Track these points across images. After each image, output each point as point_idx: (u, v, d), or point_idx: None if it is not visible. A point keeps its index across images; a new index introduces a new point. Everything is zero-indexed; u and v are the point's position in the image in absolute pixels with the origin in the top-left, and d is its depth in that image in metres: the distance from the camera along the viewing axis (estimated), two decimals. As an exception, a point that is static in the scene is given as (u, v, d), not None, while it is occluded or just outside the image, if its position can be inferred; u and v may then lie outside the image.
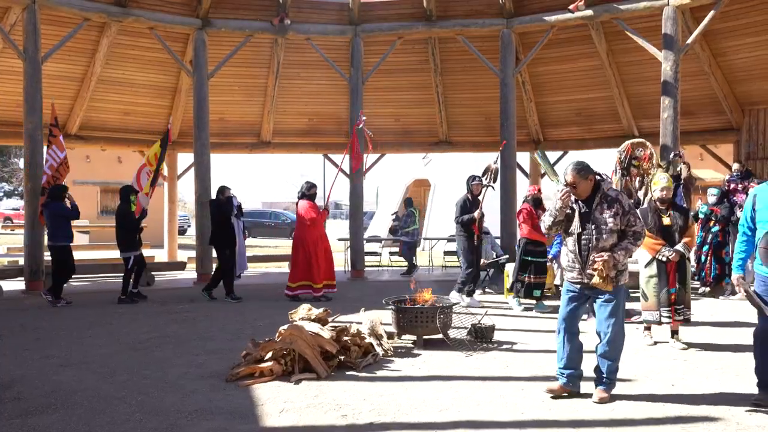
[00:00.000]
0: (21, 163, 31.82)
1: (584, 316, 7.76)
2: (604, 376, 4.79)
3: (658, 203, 6.61)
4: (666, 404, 4.72)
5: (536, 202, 9.36)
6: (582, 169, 4.74)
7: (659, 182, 6.67)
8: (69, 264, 9.88)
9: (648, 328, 6.78)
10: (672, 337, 6.67)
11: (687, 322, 6.71)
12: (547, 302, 9.34)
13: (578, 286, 4.81)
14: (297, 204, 10.34)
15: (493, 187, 9.79)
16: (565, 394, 4.85)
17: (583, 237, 4.74)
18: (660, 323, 6.58)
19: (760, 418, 4.39)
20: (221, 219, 10.28)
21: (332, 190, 10.89)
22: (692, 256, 6.77)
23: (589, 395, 4.81)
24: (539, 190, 9.68)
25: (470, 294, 9.55)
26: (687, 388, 5.13)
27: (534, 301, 9.17)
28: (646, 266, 6.63)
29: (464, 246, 9.55)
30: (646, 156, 9.94)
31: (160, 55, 13.49)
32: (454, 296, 9.03)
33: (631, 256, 4.78)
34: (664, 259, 6.44)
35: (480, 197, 9.63)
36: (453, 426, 4.28)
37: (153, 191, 10.53)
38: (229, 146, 15.84)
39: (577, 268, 4.77)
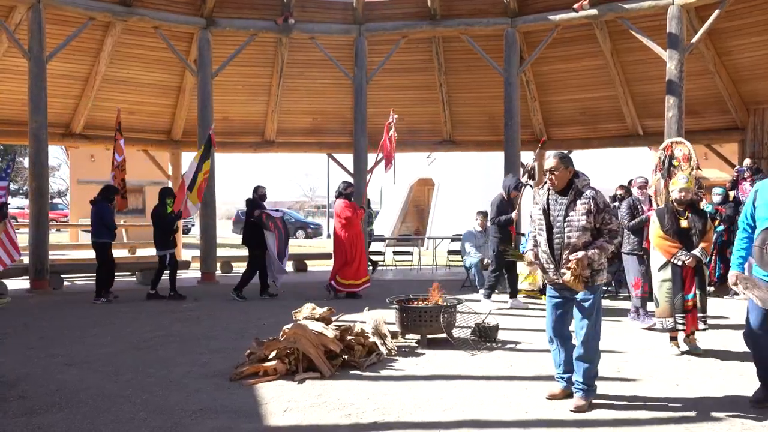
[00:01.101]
0: (26, 162, 31.91)
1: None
2: (581, 381, 4.63)
3: (675, 204, 6.24)
4: (670, 404, 4.71)
5: None
6: (565, 156, 4.69)
7: (678, 182, 6.31)
8: (107, 261, 10.23)
9: (674, 338, 6.38)
10: (687, 340, 6.39)
11: (703, 329, 6.40)
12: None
13: (558, 288, 4.72)
14: (334, 203, 10.43)
15: (531, 185, 9.53)
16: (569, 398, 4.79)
17: (555, 235, 4.62)
18: (675, 330, 6.23)
19: (765, 419, 4.38)
20: (252, 219, 10.42)
21: (368, 189, 10.74)
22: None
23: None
24: None
25: (489, 296, 9.40)
26: (691, 388, 5.12)
27: None
28: (659, 269, 6.28)
29: (497, 248, 9.29)
30: (685, 156, 9.32)
31: (164, 55, 13.52)
32: (484, 303, 8.99)
33: (608, 256, 4.63)
34: (680, 263, 6.08)
35: (519, 197, 9.46)
36: (457, 425, 4.28)
37: (199, 194, 10.62)
38: (233, 145, 15.85)
39: (552, 268, 4.66)
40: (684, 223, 6.18)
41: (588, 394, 4.64)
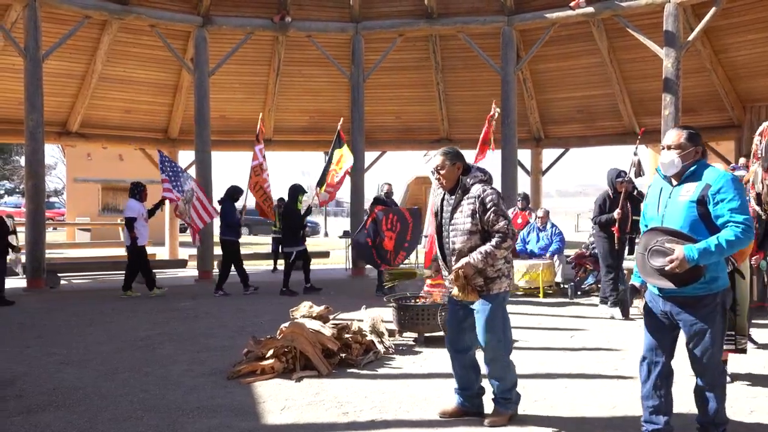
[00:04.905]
0: (22, 160, 31.82)
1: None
2: (495, 394, 4.27)
3: None
4: (667, 401, 4.71)
5: None
6: (449, 152, 4.25)
7: None
8: (235, 257, 10.60)
9: None
10: None
11: (742, 352, 5.20)
12: (551, 299, 9.29)
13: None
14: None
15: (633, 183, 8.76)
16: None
17: (444, 239, 4.22)
18: None
19: (758, 416, 4.39)
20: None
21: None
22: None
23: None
24: None
25: (605, 301, 8.55)
26: (687, 386, 5.11)
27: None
28: None
29: (603, 249, 8.53)
30: None
31: (161, 53, 13.50)
32: (603, 311, 8.43)
33: (508, 262, 4.19)
34: None
35: (621, 195, 8.47)
36: (454, 424, 4.28)
37: (336, 188, 10.80)
38: (230, 144, 15.85)
39: (447, 276, 4.25)
40: None
41: (507, 407, 4.25)
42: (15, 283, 11.41)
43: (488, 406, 4.46)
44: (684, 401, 4.71)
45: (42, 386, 5.14)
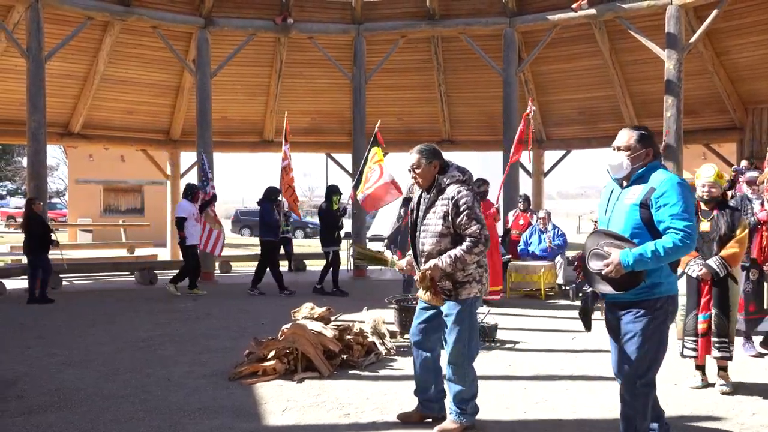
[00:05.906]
0: (24, 161, 31.86)
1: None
2: (452, 402, 4.09)
3: (699, 203, 5.04)
4: (670, 403, 4.71)
5: None
6: (425, 150, 4.12)
7: (701, 175, 5.10)
8: (271, 257, 10.76)
9: (700, 367, 5.18)
10: (718, 374, 5.14)
11: (729, 359, 5.11)
12: (552, 301, 9.28)
13: None
14: None
15: None
16: (429, 420, 4.25)
17: (416, 240, 4.14)
18: (682, 356, 5.15)
19: (763, 417, 4.39)
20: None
21: (501, 190, 9.84)
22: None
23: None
24: None
25: None
26: (690, 387, 5.11)
27: None
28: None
29: None
30: None
31: (163, 54, 13.51)
32: None
33: (481, 266, 4.06)
34: (694, 274, 4.98)
35: None
36: (455, 425, 4.27)
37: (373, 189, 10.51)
38: (231, 145, 15.86)
39: (416, 278, 4.15)
40: (705, 226, 4.98)
41: (460, 418, 4.05)
42: (17, 284, 11.42)
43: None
44: (684, 402, 4.72)
45: (43, 387, 5.14)
